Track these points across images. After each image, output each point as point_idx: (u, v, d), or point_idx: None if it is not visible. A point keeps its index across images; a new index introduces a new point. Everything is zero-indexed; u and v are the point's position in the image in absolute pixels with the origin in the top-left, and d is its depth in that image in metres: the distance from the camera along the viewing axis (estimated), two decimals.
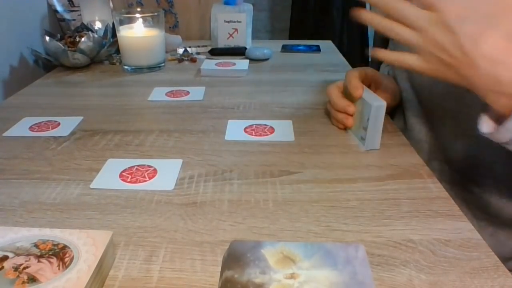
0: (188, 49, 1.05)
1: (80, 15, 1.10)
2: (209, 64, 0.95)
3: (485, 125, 0.43)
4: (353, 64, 0.92)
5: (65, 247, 0.36)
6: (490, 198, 0.58)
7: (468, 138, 0.58)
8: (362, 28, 2.17)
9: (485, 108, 0.43)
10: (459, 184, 0.60)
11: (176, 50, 1.07)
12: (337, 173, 0.53)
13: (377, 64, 0.82)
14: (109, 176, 0.53)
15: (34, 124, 0.68)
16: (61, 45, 0.92)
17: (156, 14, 0.93)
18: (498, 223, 0.58)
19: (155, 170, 0.54)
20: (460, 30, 0.40)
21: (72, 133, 0.65)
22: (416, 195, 0.49)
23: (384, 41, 0.64)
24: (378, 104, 0.56)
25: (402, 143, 0.61)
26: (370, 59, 2.24)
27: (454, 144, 0.61)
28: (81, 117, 0.70)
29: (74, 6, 1.14)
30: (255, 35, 1.17)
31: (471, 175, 0.60)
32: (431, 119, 0.65)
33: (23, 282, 0.33)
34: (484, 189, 0.58)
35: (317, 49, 1.12)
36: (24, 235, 0.38)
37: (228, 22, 1.07)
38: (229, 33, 1.09)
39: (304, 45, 1.16)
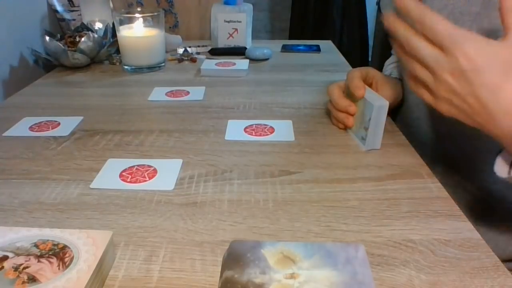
0: (188, 49, 1.05)
1: (80, 15, 1.10)
2: (209, 64, 0.95)
3: (501, 169, 0.42)
4: (353, 64, 0.92)
5: (65, 247, 0.36)
6: (495, 203, 0.57)
7: (475, 141, 0.56)
8: (362, 28, 2.17)
9: (499, 150, 0.42)
10: (463, 188, 0.60)
11: (176, 50, 1.07)
12: (337, 173, 0.53)
13: (377, 64, 0.82)
14: (109, 176, 0.53)
15: (34, 124, 0.68)
16: (61, 45, 0.92)
17: (156, 14, 0.93)
18: (499, 228, 0.58)
19: (155, 170, 0.54)
20: (477, 80, 0.39)
21: (72, 133, 0.65)
22: (416, 195, 0.49)
23: (384, 42, 0.64)
24: (380, 104, 0.56)
25: (402, 143, 0.61)
26: (370, 59, 2.24)
27: (459, 148, 0.60)
28: (81, 117, 0.70)
29: (74, 6, 1.14)
30: (255, 35, 1.17)
31: (476, 179, 0.59)
32: (438, 123, 0.63)
33: (23, 282, 0.33)
34: (488, 194, 0.57)
35: (317, 49, 1.12)
36: (24, 235, 0.38)
37: (228, 22, 1.07)
38: (229, 33, 1.09)
39: (304, 45, 1.16)
